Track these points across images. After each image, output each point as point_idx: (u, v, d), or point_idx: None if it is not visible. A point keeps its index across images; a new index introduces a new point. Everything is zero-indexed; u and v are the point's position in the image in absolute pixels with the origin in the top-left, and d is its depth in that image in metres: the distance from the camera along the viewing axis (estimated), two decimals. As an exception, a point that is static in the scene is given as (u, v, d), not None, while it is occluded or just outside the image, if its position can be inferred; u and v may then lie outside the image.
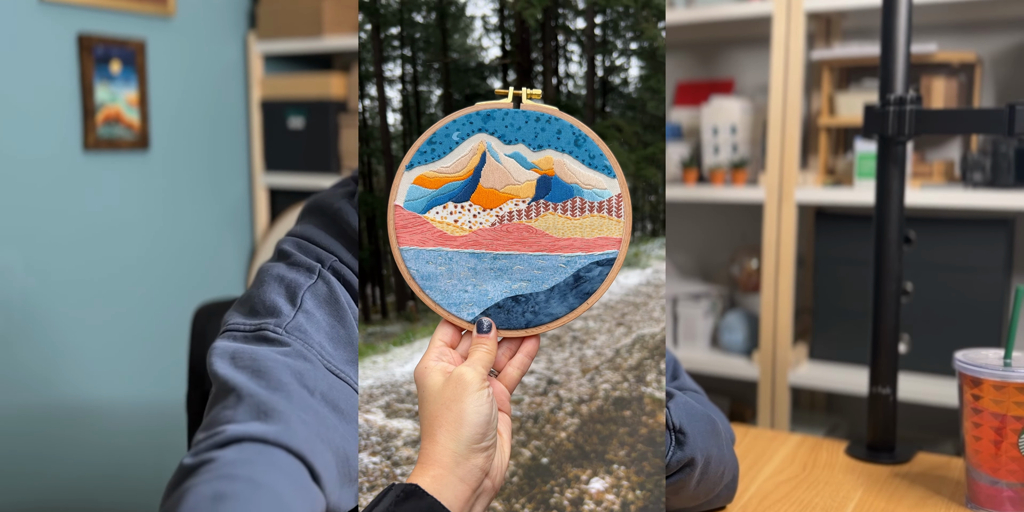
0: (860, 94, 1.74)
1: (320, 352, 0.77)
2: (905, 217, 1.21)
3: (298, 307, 0.79)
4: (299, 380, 0.73)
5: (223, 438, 0.66)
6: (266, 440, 0.66)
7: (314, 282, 0.82)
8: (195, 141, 2.28)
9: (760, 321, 1.76)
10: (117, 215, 2.10)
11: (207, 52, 2.30)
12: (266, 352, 0.74)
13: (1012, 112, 1.06)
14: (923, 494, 1.03)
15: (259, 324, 0.77)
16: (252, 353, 0.74)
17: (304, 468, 0.67)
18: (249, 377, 0.72)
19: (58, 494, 2.01)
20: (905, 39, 1.15)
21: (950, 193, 1.57)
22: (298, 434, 0.68)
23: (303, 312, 0.79)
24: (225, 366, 0.74)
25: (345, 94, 2.32)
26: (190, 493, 0.61)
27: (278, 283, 0.82)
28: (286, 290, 0.81)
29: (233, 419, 0.68)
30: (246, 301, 0.82)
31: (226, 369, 0.73)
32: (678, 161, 1.91)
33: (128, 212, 2.13)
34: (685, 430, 0.87)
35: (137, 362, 2.16)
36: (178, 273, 2.25)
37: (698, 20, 1.78)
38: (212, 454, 0.64)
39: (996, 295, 1.60)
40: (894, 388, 1.18)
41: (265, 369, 0.73)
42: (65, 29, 1.97)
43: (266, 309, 0.79)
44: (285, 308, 0.79)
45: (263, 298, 0.80)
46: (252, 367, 0.73)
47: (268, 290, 0.81)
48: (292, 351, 0.75)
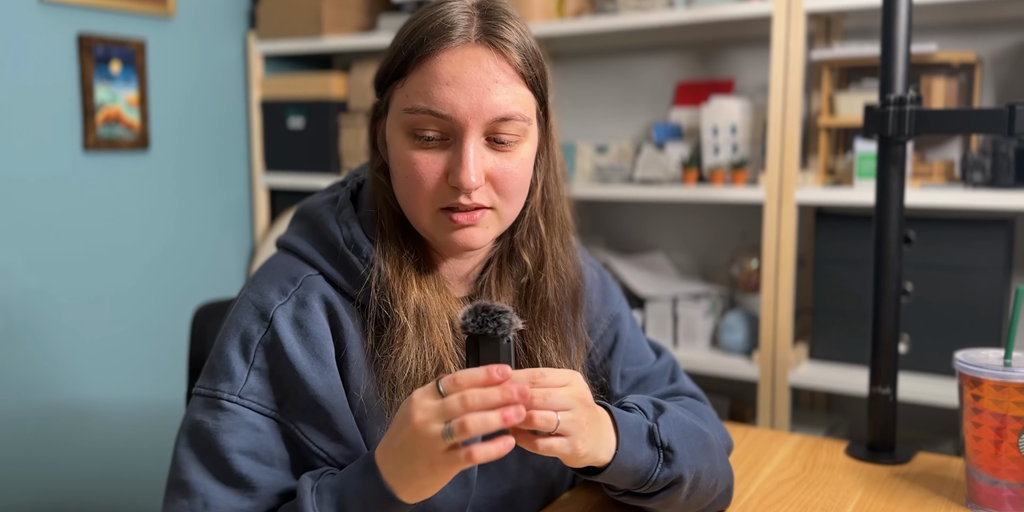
0: (860, 94, 1.74)
1: (273, 409, 0.83)
2: (905, 217, 1.21)
3: (250, 365, 0.83)
4: (255, 459, 0.81)
5: None
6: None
7: (267, 330, 0.84)
8: (195, 141, 2.28)
9: (760, 321, 1.76)
10: (117, 215, 2.10)
11: (207, 52, 2.30)
12: (221, 440, 0.81)
13: (1012, 112, 1.06)
14: (923, 494, 1.03)
15: (214, 392, 0.83)
16: (208, 441, 0.81)
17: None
18: (209, 476, 0.81)
19: (58, 494, 2.01)
20: (905, 39, 1.15)
21: (950, 193, 1.57)
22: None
23: (255, 370, 0.83)
24: (186, 453, 0.82)
25: (345, 94, 2.32)
26: None
27: (235, 332, 0.85)
28: (241, 342, 0.84)
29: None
30: (212, 356, 0.86)
31: (187, 459, 0.82)
32: (678, 161, 1.91)
33: (128, 212, 2.13)
34: (674, 448, 0.85)
35: (137, 362, 2.16)
36: (178, 273, 2.25)
37: (698, 20, 1.78)
38: None
39: (996, 295, 1.60)
40: (894, 388, 1.18)
41: (222, 461, 0.81)
42: (65, 29, 1.97)
43: (222, 370, 0.83)
44: (238, 368, 0.83)
45: (221, 354, 0.84)
46: (212, 460, 0.81)
47: (227, 344, 0.85)
48: (242, 423, 0.81)
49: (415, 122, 0.82)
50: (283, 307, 0.84)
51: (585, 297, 0.98)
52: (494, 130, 0.82)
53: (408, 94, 0.82)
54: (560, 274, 0.93)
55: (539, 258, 0.92)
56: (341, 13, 2.31)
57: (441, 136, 0.82)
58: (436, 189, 0.82)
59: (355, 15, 2.35)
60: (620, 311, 1.05)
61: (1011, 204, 1.52)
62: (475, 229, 0.84)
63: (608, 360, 1.01)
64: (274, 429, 0.83)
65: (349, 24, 2.33)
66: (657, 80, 2.16)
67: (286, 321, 0.84)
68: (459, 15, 0.82)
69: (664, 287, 1.95)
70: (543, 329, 0.92)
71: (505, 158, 0.83)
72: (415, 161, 0.82)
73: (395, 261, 0.86)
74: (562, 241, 0.94)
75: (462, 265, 0.92)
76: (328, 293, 0.86)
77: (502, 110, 0.81)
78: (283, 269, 0.88)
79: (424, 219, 0.85)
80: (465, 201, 0.82)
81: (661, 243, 2.18)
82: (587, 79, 2.25)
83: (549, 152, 0.91)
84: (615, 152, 2.03)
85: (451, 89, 0.80)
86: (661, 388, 1.03)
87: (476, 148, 0.81)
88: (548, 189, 0.91)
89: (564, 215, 0.94)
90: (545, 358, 0.91)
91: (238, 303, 0.87)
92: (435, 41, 0.81)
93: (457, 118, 0.80)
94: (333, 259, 0.87)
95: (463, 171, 0.80)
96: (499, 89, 0.81)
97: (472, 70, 0.80)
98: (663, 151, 1.95)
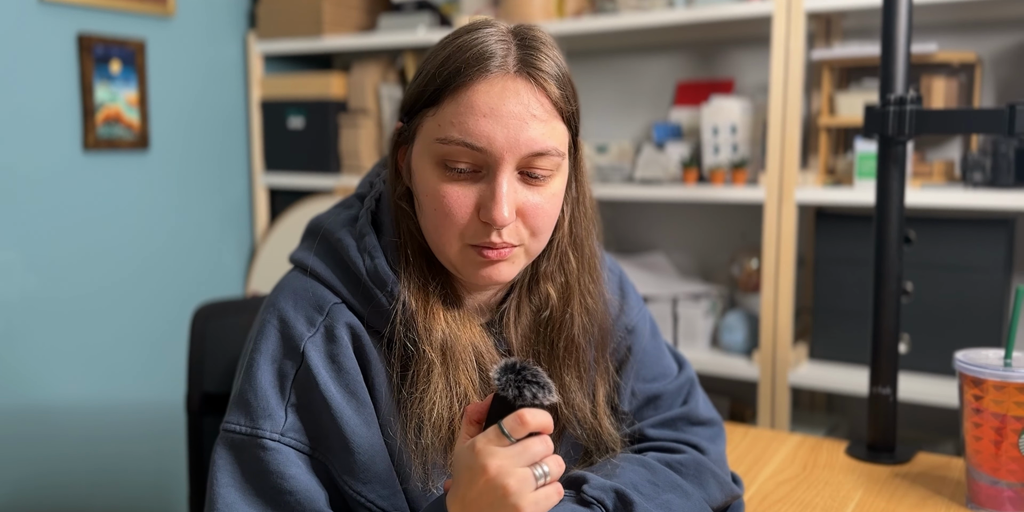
0: (860, 94, 1.74)
1: (312, 447, 0.80)
2: (905, 217, 1.21)
3: (287, 402, 0.80)
4: (304, 498, 0.78)
5: None
6: None
7: (300, 366, 0.81)
8: (195, 141, 2.28)
9: (760, 321, 1.76)
10: (117, 215, 2.10)
11: (207, 52, 2.30)
12: (270, 481, 0.78)
13: (1012, 112, 1.06)
14: (923, 494, 1.03)
15: (255, 430, 0.79)
16: (256, 481, 0.79)
17: None
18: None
19: (57, 494, 2.01)
20: (905, 39, 1.15)
21: (950, 193, 1.57)
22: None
23: (291, 407, 0.80)
24: (230, 493, 0.79)
25: (345, 94, 2.32)
26: None
27: (267, 366, 0.82)
28: (276, 378, 0.81)
29: None
30: (241, 393, 0.82)
31: (232, 499, 0.79)
32: (678, 161, 1.91)
33: (128, 212, 2.13)
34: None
35: (137, 362, 2.16)
36: (178, 273, 2.25)
37: (698, 20, 1.78)
38: None
39: (996, 295, 1.60)
40: (894, 388, 1.18)
41: (274, 501, 0.78)
42: (65, 29, 1.97)
43: (261, 407, 0.80)
44: (276, 405, 0.80)
45: (257, 390, 0.81)
46: (263, 501, 0.79)
47: (261, 378, 0.81)
48: (288, 462, 0.79)
49: (448, 153, 0.79)
50: (313, 340, 0.82)
51: (613, 334, 0.95)
52: (528, 164, 0.80)
53: (441, 123, 0.79)
54: (589, 311, 0.90)
55: (566, 293, 0.89)
56: (341, 13, 2.31)
57: (473, 169, 0.80)
58: (466, 224, 0.80)
59: (355, 15, 2.35)
60: (637, 322, 1.00)
61: (1011, 204, 1.52)
62: (504, 264, 0.82)
63: (617, 373, 0.97)
64: (313, 468, 0.81)
65: (349, 24, 2.33)
66: (657, 80, 2.16)
67: (319, 356, 0.81)
68: (496, 44, 0.80)
69: (664, 287, 1.95)
70: (567, 367, 0.89)
71: (536, 193, 0.81)
72: (445, 194, 0.79)
73: (421, 294, 0.83)
74: (591, 276, 0.91)
75: (482, 295, 0.90)
76: (355, 324, 0.83)
77: (538, 145, 0.79)
78: (306, 295, 0.84)
79: (452, 253, 0.82)
80: (496, 239, 0.79)
81: (661, 243, 2.18)
82: (587, 79, 2.24)
83: (579, 184, 0.89)
84: (615, 152, 2.03)
85: (488, 121, 0.77)
86: (672, 411, 0.98)
87: (510, 182, 0.79)
88: (576, 222, 0.89)
89: (593, 249, 0.91)
90: (567, 398, 0.88)
91: (262, 329, 0.84)
92: (472, 70, 0.78)
93: (493, 152, 0.78)
94: (356, 290, 0.84)
95: (496, 207, 0.77)
96: (536, 124, 0.79)
97: (510, 103, 0.78)
98: (663, 151, 1.94)
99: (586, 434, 0.89)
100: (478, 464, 0.67)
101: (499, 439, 0.68)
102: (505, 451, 0.67)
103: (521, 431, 0.67)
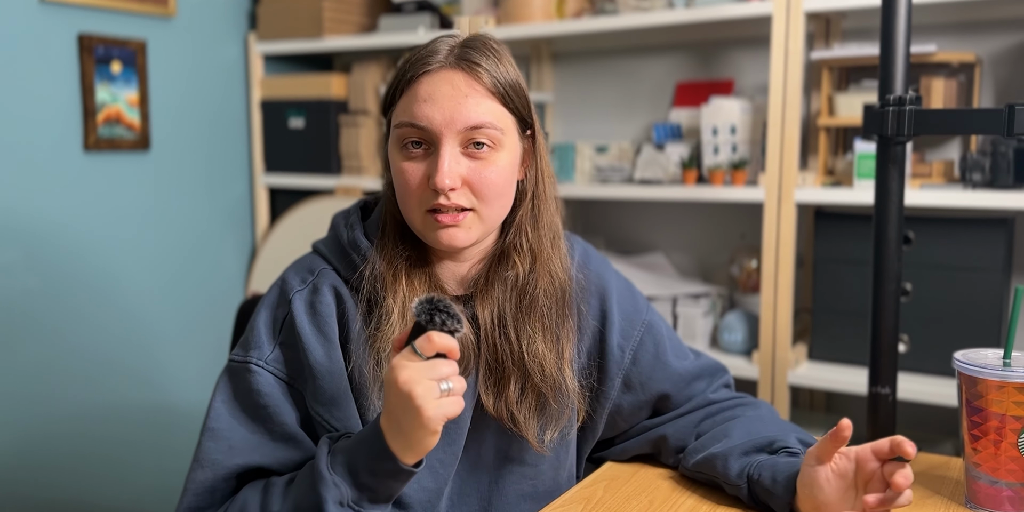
0: (860, 94, 1.74)
1: (291, 376, 0.98)
2: (905, 217, 1.21)
3: (277, 340, 0.98)
4: (274, 412, 0.96)
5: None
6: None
7: (288, 311, 0.99)
8: (195, 141, 2.28)
9: (760, 321, 1.76)
10: (117, 215, 2.10)
11: (207, 52, 2.30)
12: (249, 397, 0.97)
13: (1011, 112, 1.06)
14: (923, 494, 1.03)
15: (246, 358, 0.98)
16: (239, 396, 0.98)
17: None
18: (237, 423, 0.97)
19: (57, 494, 2.01)
20: (905, 39, 1.15)
21: (950, 193, 1.57)
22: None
23: (280, 345, 0.98)
24: (220, 405, 0.98)
25: (345, 94, 2.33)
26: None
27: (266, 312, 1.01)
28: (271, 320, 1.00)
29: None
30: (247, 331, 1.01)
31: (221, 409, 0.98)
32: (678, 161, 1.91)
33: (129, 212, 2.13)
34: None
35: (137, 362, 2.16)
36: (178, 273, 2.25)
37: (698, 20, 1.79)
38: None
39: (996, 295, 1.60)
40: (893, 388, 1.19)
41: (249, 410, 0.97)
42: (65, 29, 1.97)
43: (254, 342, 0.99)
44: (267, 342, 0.99)
45: (253, 329, 1.00)
46: (240, 411, 0.98)
47: (259, 321, 1.00)
48: (265, 383, 0.97)
49: (401, 135, 0.95)
50: (300, 292, 0.99)
51: (576, 302, 1.06)
52: (469, 138, 0.94)
53: (397, 113, 0.96)
54: (551, 275, 1.02)
55: (531, 259, 1.02)
56: (341, 13, 2.31)
57: (424, 147, 0.95)
58: (420, 192, 0.95)
59: (355, 15, 2.36)
60: (651, 318, 1.12)
61: (1011, 204, 1.52)
62: (457, 229, 0.95)
63: (633, 365, 1.09)
64: (291, 394, 0.97)
65: (349, 24, 2.34)
66: (657, 80, 2.16)
67: (301, 303, 0.99)
68: (442, 46, 0.96)
69: (664, 287, 1.95)
70: (532, 320, 1.00)
71: (481, 165, 0.94)
72: (403, 170, 0.95)
73: (388, 257, 0.99)
74: (552, 246, 1.03)
75: (458, 267, 1.02)
76: (337, 283, 1.00)
77: (473, 120, 0.93)
78: (306, 262, 1.04)
79: (416, 221, 0.97)
80: (444, 201, 0.93)
81: (661, 243, 2.18)
82: (587, 79, 2.25)
83: (538, 166, 1.02)
84: (615, 152, 2.03)
85: (427, 105, 0.93)
86: (716, 380, 1.15)
87: (451, 155, 0.93)
88: (537, 199, 1.02)
89: (553, 222, 1.04)
90: (531, 348, 0.99)
91: (270, 289, 1.04)
92: (417, 67, 0.95)
93: (433, 129, 0.93)
94: (341, 257, 1.02)
95: (438, 174, 0.92)
96: (469, 102, 0.93)
97: (444, 88, 0.93)
98: (663, 151, 1.95)
99: (547, 382, 1.00)
100: (392, 376, 0.80)
101: (411, 356, 0.81)
102: (415, 365, 0.80)
103: (430, 349, 0.80)
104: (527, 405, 0.99)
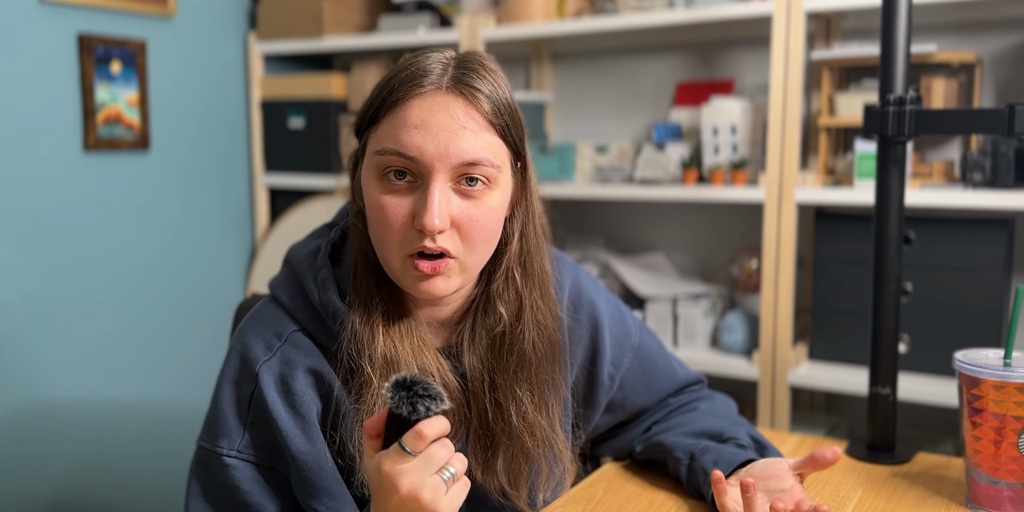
0: (860, 94, 1.74)
1: (272, 460, 0.88)
2: (905, 217, 1.21)
3: (247, 421, 0.87)
4: (255, 510, 0.86)
5: None
6: None
7: (255, 387, 0.87)
8: (195, 141, 2.28)
9: (760, 321, 1.76)
10: (117, 215, 2.10)
11: (207, 52, 2.30)
12: (227, 495, 0.87)
13: (1012, 112, 1.06)
14: (923, 494, 1.03)
15: (215, 448, 0.87)
16: (217, 495, 0.87)
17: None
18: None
19: (57, 494, 2.01)
20: (905, 39, 1.15)
21: (950, 193, 1.57)
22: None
23: (251, 426, 0.87)
24: (197, 504, 0.88)
25: (345, 94, 2.33)
26: None
27: (229, 388, 0.89)
28: (236, 398, 0.88)
29: None
30: (211, 410, 0.90)
31: (199, 508, 0.88)
32: (678, 161, 1.91)
33: (128, 212, 2.13)
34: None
35: (137, 362, 2.16)
36: (178, 273, 2.25)
37: (698, 20, 1.78)
38: None
39: (996, 295, 1.60)
40: (894, 388, 1.19)
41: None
42: (65, 29, 1.97)
43: (222, 426, 0.88)
44: (235, 424, 0.87)
45: (218, 410, 0.88)
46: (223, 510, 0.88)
47: (223, 399, 0.88)
48: (243, 477, 0.87)
49: (384, 163, 0.83)
50: (268, 363, 0.87)
51: (565, 352, 0.99)
52: (461, 175, 0.83)
53: (379, 137, 0.84)
54: (540, 326, 0.93)
55: (517, 309, 0.92)
56: (341, 13, 2.31)
57: (410, 179, 0.83)
58: (403, 233, 0.83)
59: (355, 15, 2.35)
60: (641, 340, 1.09)
61: (1011, 204, 1.52)
62: (439, 278, 0.84)
63: (620, 390, 1.07)
64: (275, 480, 0.88)
65: (349, 24, 2.33)
66: (657, 80, 2.16)
67: (271, 377, 0.87)
68: (434, 64, 0.85)
69: (664, 287, 1.95)
70: (519, 381, 0.92)
71: (472, 205, 0.84)
72: (384, 204, 0.83)
73: (364, 311, 0.87)
74: (541, 293, 0.94)
75: (438, 312, 0.93)
76: (311, 352, 0.89)
77: (469, 155, 0.82)
78: (269, 321, 0.90)
79: (395, 265, 0.85)
80: (430, 244, 0.82)
81: (661, 243, 2.18)
82: (587, 79, 2.25)
83: (528, 204, 0.92)
84: (615, 152, 2.03)
85: (419, 133, 0.81)
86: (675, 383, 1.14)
87: (442, 191, 0.82)
88: (527, 240, 0.92)
89: (543, 267, 0.94)
90: (520, 412, 0.91)
91: (229, 353, 0.90)
92: (407, 87, 0.83)
93: (424, 161, 0.81)
94: (311, 318, 0.90)
95: (427, 213, 0.80)
96: (467, 135, 0.82)
97: (440, 116, 0.82)
98: (663, 151, 1.95)
99: (539, 447, 0.93)
100: (390, 484, 0.72)
101: (402, 457, 0.72)
102: (410, 466, 0.72)
103: (421, 445, 0.72)
104: (516, 472, 0.93)
